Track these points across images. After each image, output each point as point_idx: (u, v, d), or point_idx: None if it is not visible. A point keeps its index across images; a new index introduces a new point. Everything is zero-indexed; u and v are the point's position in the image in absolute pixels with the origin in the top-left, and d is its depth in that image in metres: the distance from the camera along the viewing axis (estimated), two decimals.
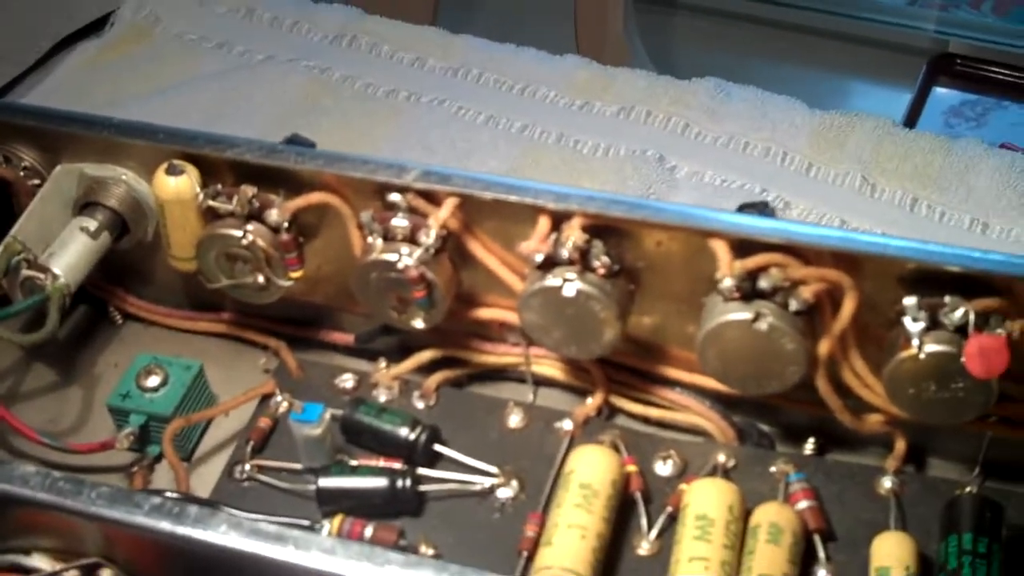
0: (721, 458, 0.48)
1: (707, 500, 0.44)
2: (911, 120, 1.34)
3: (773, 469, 0.47)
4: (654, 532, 0.46)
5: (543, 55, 0.81)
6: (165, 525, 0.39)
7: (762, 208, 0.47)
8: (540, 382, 0.52)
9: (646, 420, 0.51)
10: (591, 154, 0.72)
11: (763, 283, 0.43)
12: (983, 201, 0.68)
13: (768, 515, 0.44)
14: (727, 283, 0.44)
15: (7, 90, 0.81)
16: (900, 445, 0.47)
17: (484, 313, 0.50)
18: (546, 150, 0.72)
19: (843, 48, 1.49)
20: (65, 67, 0.82)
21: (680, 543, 0.43)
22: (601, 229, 0.46)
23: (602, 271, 0.45)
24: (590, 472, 0.45)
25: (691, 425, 0.50)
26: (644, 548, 0.45)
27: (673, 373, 0.50)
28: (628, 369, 0.51)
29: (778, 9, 1.49)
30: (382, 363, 0.53)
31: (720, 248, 0.44)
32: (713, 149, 0.72)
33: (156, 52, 0.82)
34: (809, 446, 0.49)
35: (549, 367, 0.52)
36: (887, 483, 0.46)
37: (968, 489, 0.45)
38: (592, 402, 0.50)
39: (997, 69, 1.40)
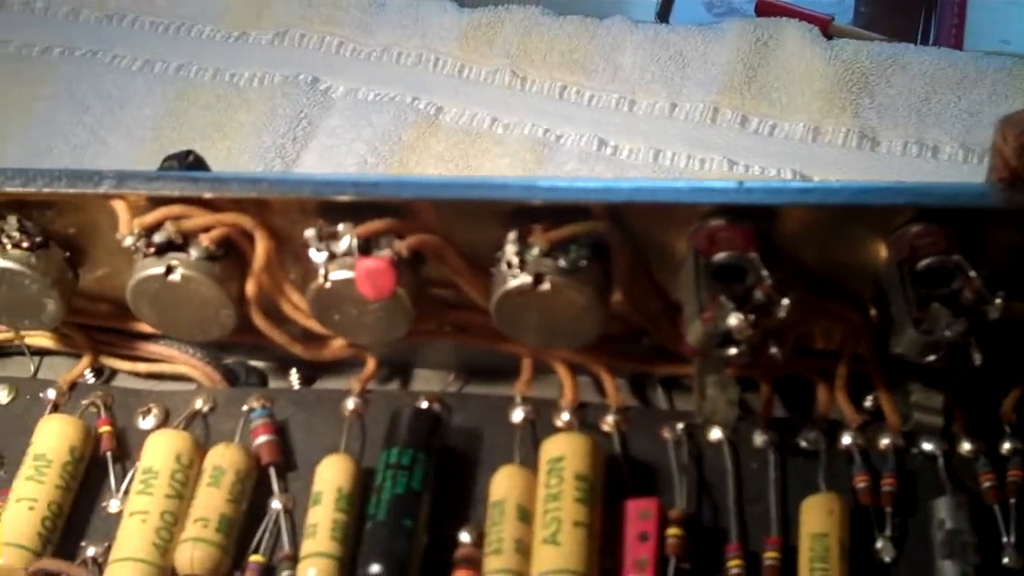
0: (198, 403, 0.49)
1: (153, 453, 0.45)
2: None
3: (245, 407, 0.48)
4: (123, 489, 0.46)
5: None
6: None
7: (184, 159, 0.47)
8: (39, 353, 0.52)
9: (140, 376, 0.51)
10: (247, 85, 0.71)
11: (157, 238, 0.43)
12: (629, 78, 0.70)
13: (213, 458, 0.45)
14: (128, 241, 0.44)
15: None
16: (369, 364, 0.48)
17: None
18: (202, 88, 0.72)
19: None
20: None
21: (129, 499, 0.44)
22: (17, 202, 0.45)
23: (25, 244, 0.45)
24: (45, 442, 0.46)
25: (182, 374, 0.51)
26: (114, 506, 0.46)
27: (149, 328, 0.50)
28: (111, 329, 0.51)
29: None
30: None
31: (119, 208, 0.44)
32: (367, 64, 0.72)
33: None
34: (294, 378, 0.50)
35: (42, 337, 0.52)
36: (350, 404, 0.47)
37: (423, 403, 0.46)
38: (77, 367, 0.51)
39: None
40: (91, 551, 0.45)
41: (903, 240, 0.39)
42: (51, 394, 0.50)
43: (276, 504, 0.45)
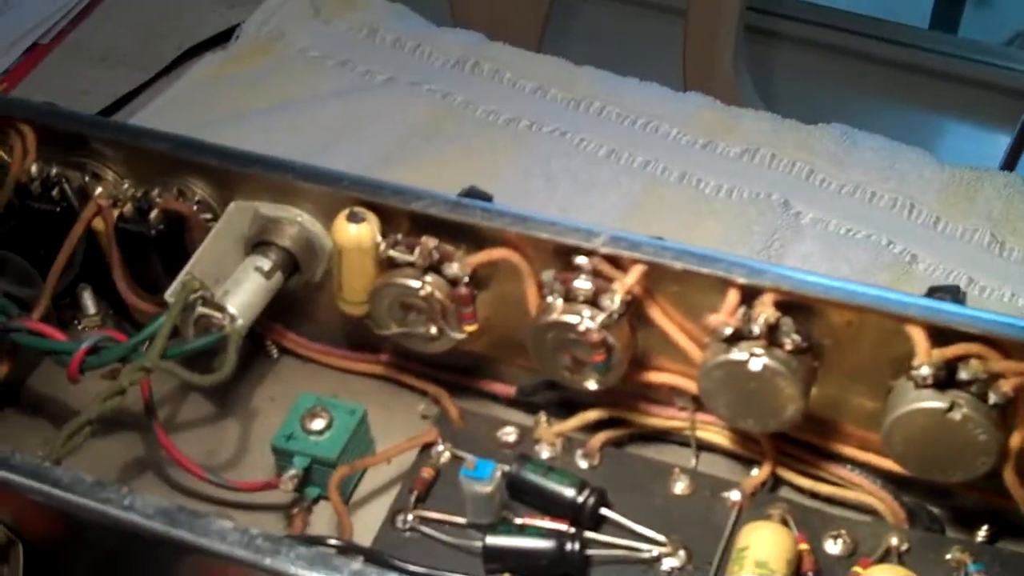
0: (894, 541, 0.47)
1: None
2: (1010, 163, 1.33)
3: (948, 556, 0.47)
4: None
5: (666, 91, 0.81)
6: None
7: (955, 293, 0.47)
8: (703, 447, 0.52)
9: (813, 495, 0.50)
10: (714, 195, 0.71)
11: (963, 374, 0.43)
12: None
13: None
14: (924, 371, 0.43)
15: (131, 97, 0.82)
16: None
17: (656, 377, 0.50)
18: (668, 188, 0.72)
19: (943, 87, 1.48)
20: (189, 77, 0.83)
21: None
22: (790, 305, 0.46)
23: (790, 348, 0.45)
24: (766, 550, 0.45)
25: (859, 503, 0.49)
26: None
27: (846, 450, 0.49)
28: (798, 442, 0.50)
29: (880, 45, 1.48)
30: (543, 417, 0.53)
31: (918, 335, 0.44)
32: (838, 197, 0.71)
33: (278, 67, 0.83)
34: (982, 533, 0.48)
35: (714, 433, 0.51)
36: None
37: None
38: (760, 473, 0.50)
39: None
40: None
41: None
42: (735, 495, 0.49)
43: None
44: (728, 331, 0.45)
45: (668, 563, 0.47)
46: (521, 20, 1.33)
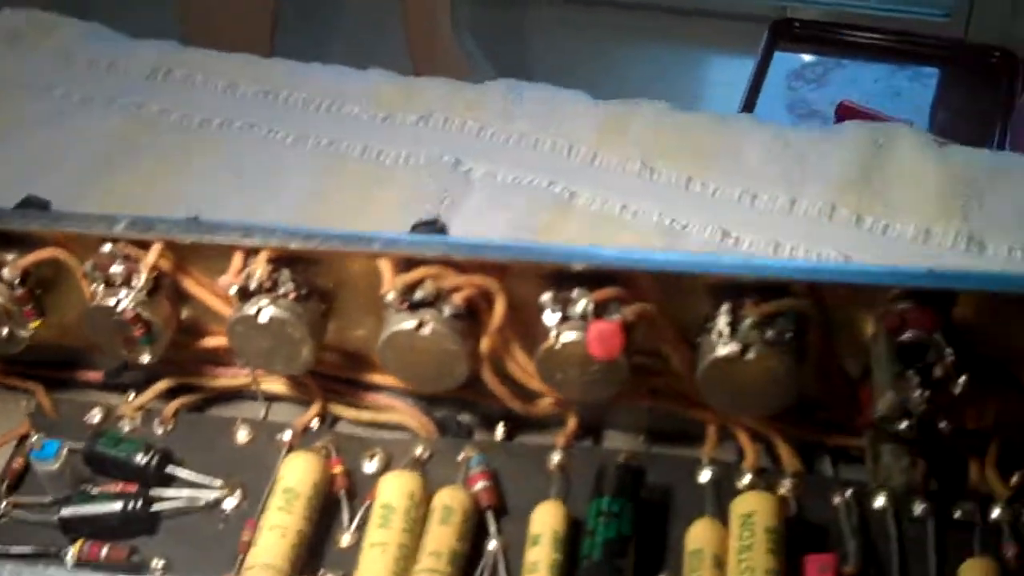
0: (419, 451, 0.54)
1: (390, 491, 0.51)
2: (756, 85, 1.42)
3: (461, 456, 0.54)
4: (354, 525, 0.52)
5: (348, 71, 0.86)
6: None
7: (433, 225, 0.54)
8: (271, 398, 0.59)
9: (360, 423, 0.57)
10: (392, 164, 0.77)
11: (418, 294, 0.50)
12: (753, 174, 0.74)
13: (442, 499, 0.50)
14: (390, 297, 0.50)
15: None
16: (571, 423, 0.54)
17: (208, 342, 0.57)
18: (351, 164, 0.78)
19: (690, 22, 1.56)
20: None
21: (367, 532, 0.50)
22: (290, 258, 0.52)
23: (292, 296, 0.52)
24: (293, 477, 0.52)
25: (399, 424, 0.57)
26: (345, 540, 0.52)
27: (379, 378, 0.56)
28: (341, 379, 0.57)
29: None
30: (130, 395, 0.59)
31: (384, 266, 0.51)
32: (505, 149, 0.78)
33: None
34: (499, 432, 0.56)
35: (276, 384, 0.58)
36: (555, 458, 0.53)
37: (621, 457, 0.52)
38: (308, 413, 0.57)
39: (833, 30, 1.49)
40: None
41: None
42: (286, 436, 0.56)
43: (493, 544, 0.50)
44: (234, 290, 0.52)
45: (228, 503, 0.53)
46: (250, 31, 1.38)
